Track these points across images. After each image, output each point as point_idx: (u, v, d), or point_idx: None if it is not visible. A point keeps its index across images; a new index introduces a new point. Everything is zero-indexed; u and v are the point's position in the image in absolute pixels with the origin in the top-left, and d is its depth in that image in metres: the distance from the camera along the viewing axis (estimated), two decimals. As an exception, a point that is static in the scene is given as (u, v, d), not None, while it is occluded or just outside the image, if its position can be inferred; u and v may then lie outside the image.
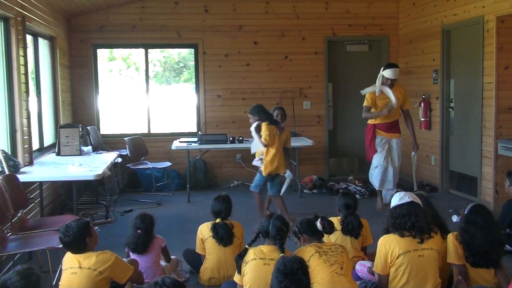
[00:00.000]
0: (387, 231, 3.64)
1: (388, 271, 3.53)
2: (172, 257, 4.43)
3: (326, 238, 4.08)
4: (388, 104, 6.23)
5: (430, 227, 3.54)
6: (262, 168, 5.87)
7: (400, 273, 3.47)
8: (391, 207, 3.64)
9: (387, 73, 6.21)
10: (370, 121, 6.47)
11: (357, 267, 3.99)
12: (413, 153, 6.62)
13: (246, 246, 3.67)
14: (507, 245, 4.68)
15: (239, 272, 3.64)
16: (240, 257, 3.63)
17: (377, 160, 6.41)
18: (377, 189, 6.55)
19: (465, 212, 3.68)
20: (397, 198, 3.63)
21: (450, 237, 3.66)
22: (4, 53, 5.28)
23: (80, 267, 3.32)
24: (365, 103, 6.37)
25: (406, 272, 3.45)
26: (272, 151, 5.78)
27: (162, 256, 4.33)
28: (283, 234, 3.62)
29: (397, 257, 3.45)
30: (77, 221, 3.44)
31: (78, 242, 3.38)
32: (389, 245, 3.50)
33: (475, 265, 3.57)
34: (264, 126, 5.75)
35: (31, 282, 2.56)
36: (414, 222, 3.47)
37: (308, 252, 3.44)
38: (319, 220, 3.65)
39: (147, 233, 4.14)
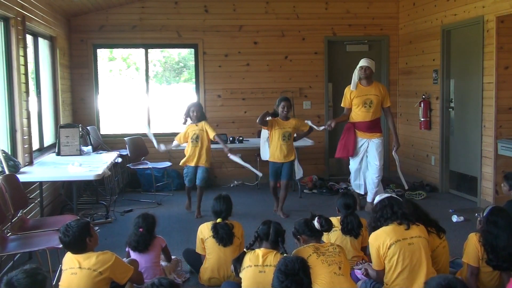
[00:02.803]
0: (373, 229, 3.71)
1: (384, 265, 3.56)
2: (172, 257, 4.44)
3: (326, 237, 4.09)
4: (365, 101, 6.20)
5: (409, 214, 3.66)
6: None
7: (394, 263, 3.52)
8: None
9: (360, 62, 6.21)
10: (350, 120, 6.38)
11: (357, 269, 4.00)
12: (393, 151, 6.44)
13: (244, 249, 3.67)
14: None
15: (237, 275, 3.69)
16: (237, 261, 3.65)
17: (352, 164, 6.46)
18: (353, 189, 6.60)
19: (484, 214, 3.67)
20: (378, 198, 3.85)
21: (473, 237, 3.65)
22: (4, 53, 5.28)
23: (80, 268, 3.32)
24: (342, 104, 6.41)
25: (399, 261, 3.50)
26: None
27: (162, 256, 4.33)
28: (283, 238, 3.66)
29: (389, 248, 3.52)
30: (77, 221, 3.44)
31: (78, 242, 3.37)
32: (378, 239, 3.58)
33: (497, 268, 3.57)
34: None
35: (36, 281, 2.57)
36: (397, 211, 3.62)
37: (306, 253, 3.44)
38: (316, 218, 3.67)
39: (148, 232, 4.15)
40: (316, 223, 3.64)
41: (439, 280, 2.43)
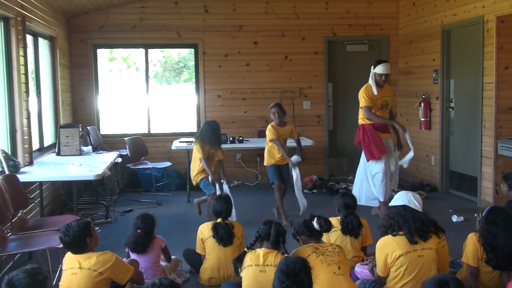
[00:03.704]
0: (382, 233, 3.67)
1: (388, 272, 3.54)
2: (172, 257, 4.44)
3: (325, 238, 4.09)
4: (382, 102, 6.01)
5: (425, 229, 3.53)
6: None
7: (400, 273, 3.48)
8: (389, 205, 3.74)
9: (379, 69, 5.90)
10: (367, 122, 6.07)
11: (357, 269, 4.00)
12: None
13: (245, 249, 3.67)
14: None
15: (237, 275, 3.68)
16: (238, 260, 3.64)
17: (377, 166, 5.97)
18: (381, 200, 5.99)
19: (483, 214, 3.66)
20: (394, 200, 3.69)
21: (472, 237, 3.64)
22: (4, 53, 5.27)
23: (80, 268, 3.32)
24: (365, 103, 5.92)
25: (406, 272, 3.46)
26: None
27: (162, 256, 4.33)
28: (284, 238, 3.65)
29: (397, 258, 3.47)
30: (77, 221, 3.44)
31: (78, 242, 3.37)
32: (387, 248, 3.53)
33: (497, 267, 3.56)
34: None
35: (37, 281, 2.58)
36: (402, 225, 3.50)
37: (305, 253, 3.45)
38: (315, 219, 3.67)
39: (147, 233, 4.14)
40: (315, 223, 3.64)
41: (434, 277, 2.49)
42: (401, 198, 3.62)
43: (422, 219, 3.54)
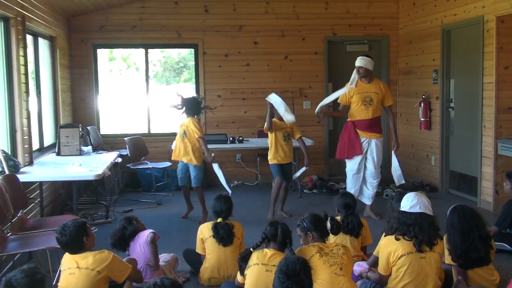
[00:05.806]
0: (389, 232, 3.64)
1: (390, 271, 3.55)
2: (171, 254, 4.45)
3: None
4: (365, 98, 6.06)
5: (433, 237, 3.52)
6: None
7: (401, 274, 3.48)
8: (400, 208, 3.63)
9: (356, 62, 6.10)
10: (349, 118, 6.26)
11: (355, 267, 4.00)
12: (393, 152, 6.25)
13: (251, 249, 3.65)
14: (507, 245, 4.69)
15: (242, 274, 3.64)
16: (243, 260, 3.62)
17: (350, 165, 6.23)
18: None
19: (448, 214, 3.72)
20: (408, 203, 3.60)
21: (444, 240, 3.67)
22: (4, 53, 5.28)
23: (78, 267, 3.33)
24: (339, 99, 6.25)
25: (407, 273, 3.46)
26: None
27: (163, 256, 4.32)
28: (291, 239, 3.64)
29: (399, 258, 3.47)
30: (73, 221, 3.45)
31: (75, 241, 3.38)
32: (391, 246, 3.53)
33: (466, 266, 3.58)
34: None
35: (35, 280, 2.58)
36: (417, 233, 3.48)
37: (310, 252, 3.45)
38: (329, 219, 3.70)
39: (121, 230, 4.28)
40: (328, 224, 3.67)
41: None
42: (416, 206, 3.55)
43: (437, 227, 3.57)
